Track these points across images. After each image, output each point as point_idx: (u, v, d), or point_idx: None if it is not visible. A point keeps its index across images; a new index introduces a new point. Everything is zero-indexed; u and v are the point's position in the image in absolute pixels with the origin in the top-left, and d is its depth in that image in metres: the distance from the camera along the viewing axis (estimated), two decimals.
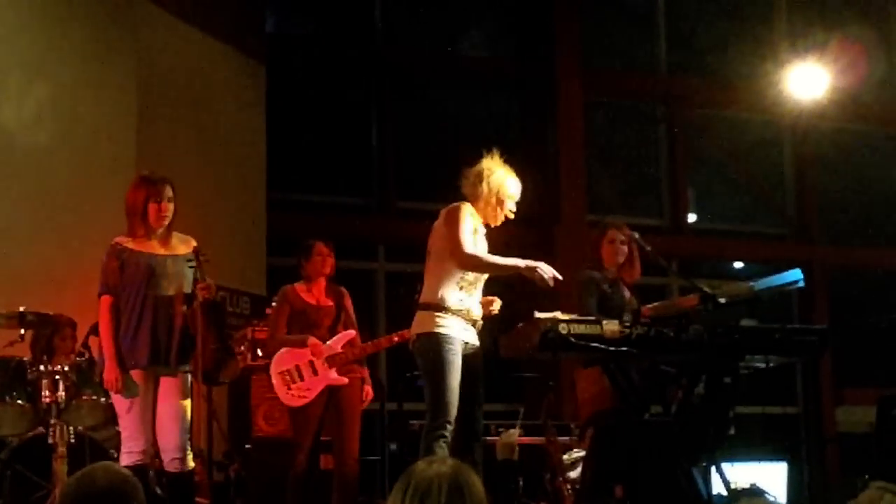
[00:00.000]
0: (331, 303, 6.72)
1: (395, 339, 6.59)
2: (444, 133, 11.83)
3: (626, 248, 6.35)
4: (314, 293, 6.73)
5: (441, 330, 5.53)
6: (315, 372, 6.56)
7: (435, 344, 5.51)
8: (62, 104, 8.31)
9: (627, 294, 6.34)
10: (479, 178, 5.65)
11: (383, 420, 8.25)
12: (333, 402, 6.56)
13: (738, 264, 13.65)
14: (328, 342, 6.59)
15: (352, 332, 6.66)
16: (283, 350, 6.64)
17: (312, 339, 6.56)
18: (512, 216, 5.72)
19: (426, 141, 12.05)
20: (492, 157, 5.71)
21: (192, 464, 5.77)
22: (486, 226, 5.72)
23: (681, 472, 5.40)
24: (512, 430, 6.47)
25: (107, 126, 8.50)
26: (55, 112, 8.24)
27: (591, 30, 12.57)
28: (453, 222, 5.56)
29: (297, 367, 6.57)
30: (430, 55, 12.35)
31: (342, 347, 6.60)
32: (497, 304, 5.83)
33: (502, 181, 5.65)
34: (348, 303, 6.78)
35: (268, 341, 6.96)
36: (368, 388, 6.74)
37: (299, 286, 6.75)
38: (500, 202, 5.65)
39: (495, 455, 7.25)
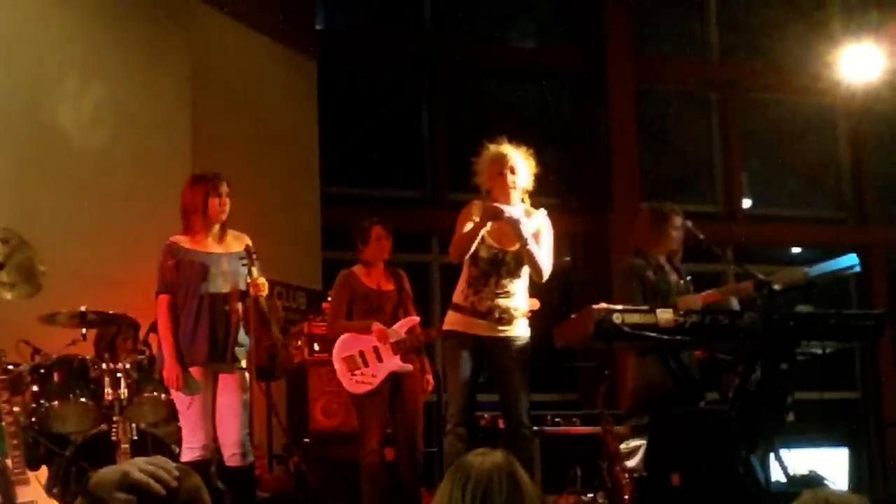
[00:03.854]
0: (391, 287, 6.55)
1: None
2: (495, 124, 11.77)
3: (682, 233, 6.35)
4: (374, 277, 6.55)
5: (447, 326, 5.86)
6: (380, 358, 6.36)
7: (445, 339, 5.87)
8: (118, 104, 8.39)
9: (675, 277, 6.30)
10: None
11: (440, 411, 8.24)
12: (397, 391, 6.42)
13: (796, 249, 13.52)
14: (393, 327, 6.41)
15: (416, 318, 6.48)
16: (345, 335, 6.45)
17: (377, 325, 6.37)
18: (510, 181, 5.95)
19: (478, 132, 11.97)
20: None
21: (252, 458, 5.84)
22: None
23: (738, 459, 5.38)
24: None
25: (162, 125, 8.59)
26: (111, 112, 8.32)
27: (642, 15, 12.48)
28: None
29: (362, 353, 6.38)
30: (480, 46, 12.32)
31: (406, 333, 6.43)
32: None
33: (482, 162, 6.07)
34: (408, 286, 6.65)
35: (329, 326, 6.72)
36: (429, 377, 6.65)
37: (358, 270, 6.57)
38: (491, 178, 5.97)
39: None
